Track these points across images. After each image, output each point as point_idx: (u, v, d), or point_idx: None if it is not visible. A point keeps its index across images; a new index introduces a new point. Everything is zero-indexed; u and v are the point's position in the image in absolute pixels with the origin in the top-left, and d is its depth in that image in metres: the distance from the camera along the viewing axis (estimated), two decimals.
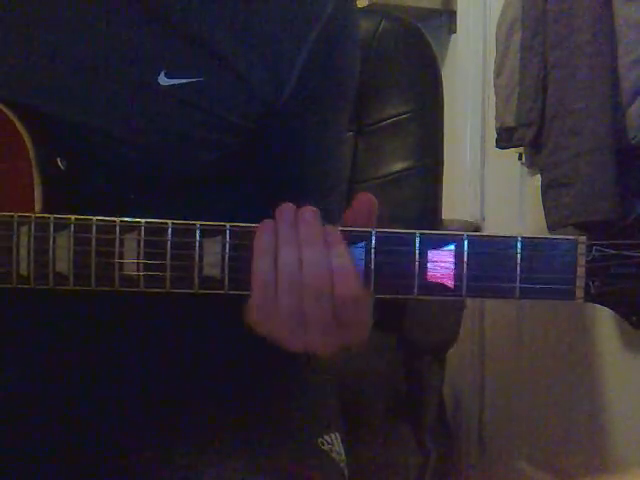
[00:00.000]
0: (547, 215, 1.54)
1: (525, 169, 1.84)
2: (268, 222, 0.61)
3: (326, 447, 0.78)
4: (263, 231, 0.61)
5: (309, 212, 0.61)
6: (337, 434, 0.82)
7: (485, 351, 2.07)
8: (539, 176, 1.62)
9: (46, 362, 0.80)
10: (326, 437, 0.79)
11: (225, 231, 0.62)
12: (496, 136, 1.72)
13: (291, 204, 0.62)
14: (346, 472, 0.80)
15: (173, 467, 0.72)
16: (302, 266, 0.60)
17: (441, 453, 1.49)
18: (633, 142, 1.42)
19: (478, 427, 2.08)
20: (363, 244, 0.62)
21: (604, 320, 1.73)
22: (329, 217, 0.63)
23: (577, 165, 1.48)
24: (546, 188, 1.56)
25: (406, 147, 1.28)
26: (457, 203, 2.00)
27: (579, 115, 1.47)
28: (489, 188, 2.02)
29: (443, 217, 1.35)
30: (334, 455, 0.79)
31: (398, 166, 1.27)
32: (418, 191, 1.28)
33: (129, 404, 0.80)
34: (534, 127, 1.58)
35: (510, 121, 1.65)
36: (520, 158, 1.82)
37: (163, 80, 0.72)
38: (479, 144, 2.00)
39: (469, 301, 1.85)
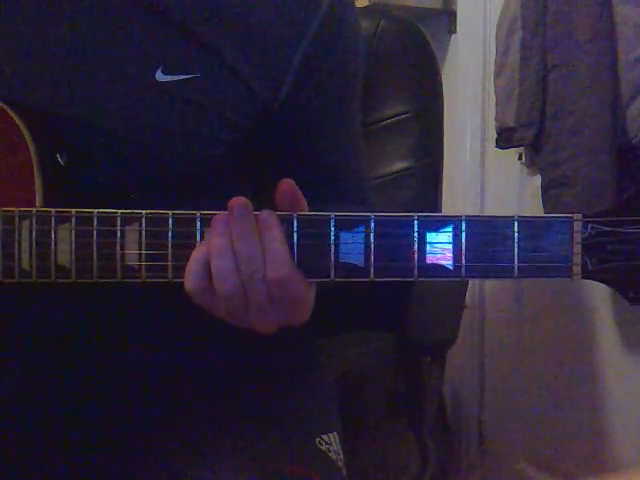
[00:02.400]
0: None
1: (525, 169, 1.84)
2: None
3: (324, 447, 0.78)
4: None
5: (237, 208, 0.62)
6: (335, 434, 0.82)
7: (485, 351, 2.07)
8: (539, 176, 1.62)
9: (46, 360, 0.80)
10: (324, 437, 0.79)
11: None
12: (496, 136, 1.72)
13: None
14: (344, 472, 0.80)
15: (170, 467, 0.72)
16: (236, 257, 0.62)
17: (441, 453, 1.49)
18: (633, 142, 1.42)
19: (478, 427, 2.08)
20: (362, 228, 0.62)
21: (605, 320, 1.73)
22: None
23: (577, 165, 1.48)
24: (546, 188, 1.56)
25: (406, 147, 1.28)
26: (457, 203, 2.00)
27: (579, 115, 1.47)
28: (489, 188, 2.02)
29: None
30: (332, 455, 0.79)
31: (398, 166, 1.27)
32: (418, 191, 1.28)
33: (127, 403, 0.80)
34: (534, 127, 1.58)
35: (510, 121, 1.65)
36: (520, 158, 1.82)
37: (160, 76, 0.73)
38: (479, 144, 2.00)
39: (469, 301, 1.85)
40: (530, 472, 1.94)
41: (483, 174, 2.02)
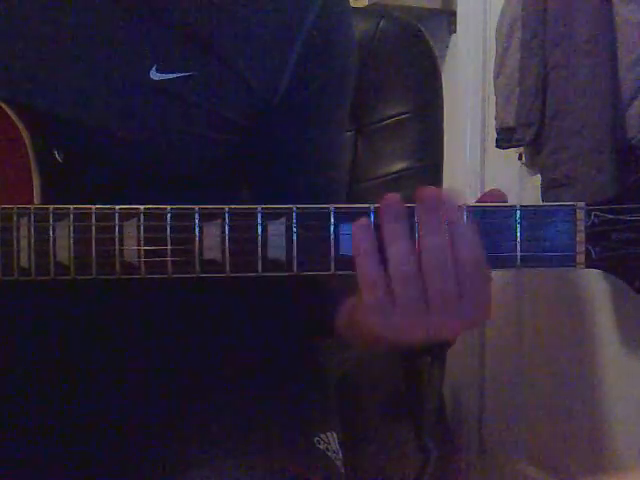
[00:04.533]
0: None
1: (525, 169, 1.84)
2: (363, 221, 0.60)
3: (322, 446, 0.78)
4: (360, 231, 0.60)
5: (430, 197, 0.60)
6: (333, 433, 0.81)
7: (485, 351, 2.07)
8: (539, 176, 1.62)
9: (47, 357, 0.80)
10: (322, 436, 0.79)
11: (224, 214, 0.62)
12: (496, 136, 1.72)
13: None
14: (343, 471, 0.79)
15: (169, 466, 0.72)
16: (421, 249, 0.59)
17: (441, 453, 1.49)
18: (633, 142, 1.42)
19: (478, 427, 2.08)
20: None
21: (605, 320, 1.73)
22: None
23: (577, 165, 1.48)
24: (546, 188, 1.56)
25: (406, 147, 1.28)
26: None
27: (579, 115, 1.47)
28: (489, 188, 2.01)
29: None
30: (330, 454, 0.78)
31: (398, 166, 1.27)
32: None
33: (128, 403, 0.80)
34: (534, 127, 1.58)
35: (510, 121, 1.65)
36: (520, 158, 1.82)
37: (155, 75, 0.72)
38: (479, 144, 2.00)
39: None
40: (530, 472, 1.94)
41: (483, 174, 2.02)
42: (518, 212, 0.61)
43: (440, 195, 0.60)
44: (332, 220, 0.62)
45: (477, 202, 0.62)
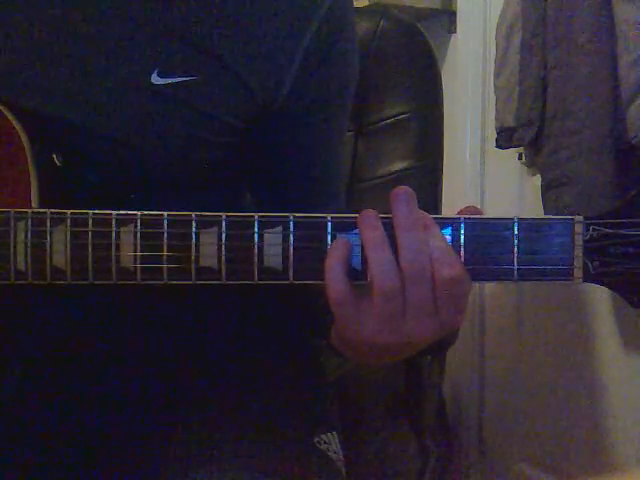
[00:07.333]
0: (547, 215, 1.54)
1: (525, 169, 1.84)
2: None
3: (323, 446, 0.78)
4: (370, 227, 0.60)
5: (402, 194, 0.60)
6: (334, 433, 0.82)
7: (485, 351, 2.07)
8: (539, 176, 1.62)
9: (45, 361, 0.80)
10: (323, 436, 0.79)
11: (221, 222, 0.62)
12: (496, 136, 1.72)
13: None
14: (344, 471, 0.80)
15: (169, 466, 0.72)
16: (398, 249, 0.59)
17: (441, 453, 1.49)
18: (633, 142, 1.42)
19: (478, 427, 2.08)
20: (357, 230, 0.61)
21: (605, 320, 1.73)
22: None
23: (577, 165, 1.48)
24: (546, 188, 1.56)
25: (406, 147, 1.28)
26: (457, 203, 1.99)
27: (579, 115, 1.47)
28: (489, 188, 2.02)
29: None
30: (331, 454, 0.79)
31: (398, 166, 1.27)
32: (418, 191, 1.26)
33: (127, 402, 0.80)
34: (534, 127, 1.58)
35: (510, 121, 1.65)
36: (520, 158, 1.82)
37: (156, 79, 0.72)
38: (479, 144, 2.00)
39: (469, 300, 1.85)
40: (530, 472, 1.94)
41: (483, 174, 2.02)
42: (516, 224, 0.60)
43: (412, 193, 0.61)
44: (329, 229, 0.62)
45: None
